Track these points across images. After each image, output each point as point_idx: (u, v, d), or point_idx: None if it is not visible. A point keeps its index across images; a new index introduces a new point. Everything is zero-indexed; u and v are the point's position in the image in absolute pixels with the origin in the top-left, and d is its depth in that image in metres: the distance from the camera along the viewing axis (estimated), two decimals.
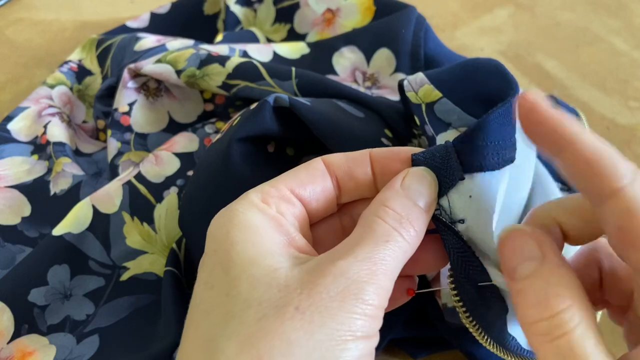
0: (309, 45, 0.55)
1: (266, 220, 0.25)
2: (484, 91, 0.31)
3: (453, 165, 0.27)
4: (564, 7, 0.69)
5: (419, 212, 0.26)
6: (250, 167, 0.38)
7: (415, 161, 0.27)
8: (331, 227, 0.29)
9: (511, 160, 0.29)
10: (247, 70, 0.45)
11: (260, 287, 0.22)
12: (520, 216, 0.33)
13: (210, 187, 0.37)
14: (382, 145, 0.37)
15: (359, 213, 0.27)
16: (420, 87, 0.34)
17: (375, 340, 0.23)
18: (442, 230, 0.27)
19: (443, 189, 0.27)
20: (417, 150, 0.28)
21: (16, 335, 0.39)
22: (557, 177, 0.40)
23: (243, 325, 0.22)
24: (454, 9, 0.70)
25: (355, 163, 0.28)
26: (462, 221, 0.27)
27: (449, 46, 0.64)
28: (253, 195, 0.26)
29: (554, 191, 0.36)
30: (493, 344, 0.29)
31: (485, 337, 0.29)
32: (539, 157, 0.38)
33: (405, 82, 0.36)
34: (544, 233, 0.24)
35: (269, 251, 0.24)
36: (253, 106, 0.39)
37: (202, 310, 0.24)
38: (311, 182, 0.27)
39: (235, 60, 0.46)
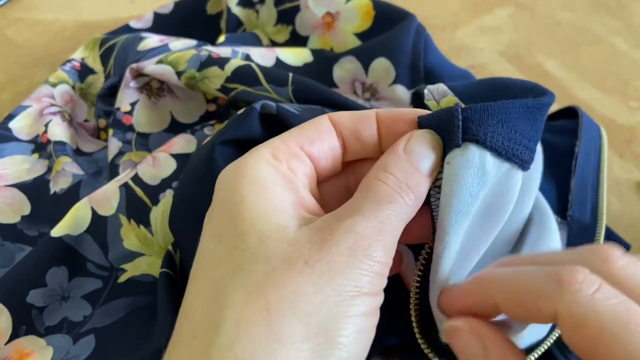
0: (313, 53, 0.55)
1: (277, 176, 0.25)
2: None
3: (455, 130, 0.26)
4: (564, 7, 0.69)
5: (420, 177, 0.26)
6: None
7: (420, 123, 0.27)
8: (336, 187, 0.29)
9: (521, 162, 0.27)
10: (245, 74, 0.45)
11: (270, 242, 0.23)
12: (515, 238, 0.32)
13: (197, 190, 0.37)
14: None
15: (364, 172, 0.27)
16: (442, 97, 0.34)
17: (380, 297, 0.24)
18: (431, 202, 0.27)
19: (446, 152, 0.27)
20: (424, 112, 0.28)
21: (14, 336, 0.39)
22: (555, 210, 0.39)
23: (252, 276, 0.22)
24: (454, 9, 0.70)
25: (362, 123, 0.28)
26: None
27: (449, 46, 0.64)
28: (264, 150, 0.26)
29: (552, 226, 0.35)
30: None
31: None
32: (540, 188, 0.37)
33: (426, 91, 0.35)
34: (484, 324, 0.24)
35: (278, 209, 0.24)
36: (241, 111, 0.39)
37: (208, 262, 0.24)
38: (319, 139, 0.27)
39: (235, 63, 0.46)
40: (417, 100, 0.36)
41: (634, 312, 0.19)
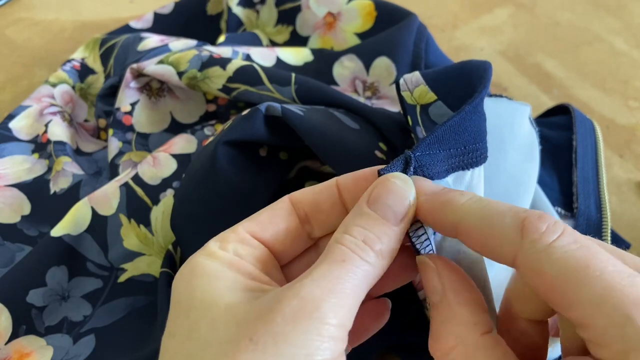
0: (313, 52, 0.55)
1: (224, 264, 0.24)
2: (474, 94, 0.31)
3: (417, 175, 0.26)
4: (564, 7, 0.69)
5: (385, 228, 0.24)
6: (238, 171, 0.38)
7: (381, 174, 0.26)
8: (309, 264, 0.27)
9: (462, 167, 0.28)
10: (247, 74, 0.45)
11: (220, 326, 0.22)
12: None
13: (200, 190, 0.37)
14: (376, 158, 0.36)
15: None
16: (415, 86, 0.34)
17: None
18: (413, 243, 0.26)
19: None
20: (381, 167, 0.27)
21: (14, 336, 0.39)
22: (559, 202, 0.40)
23: None
24: (454, 9, 0.70)
25: (322, 196, 0.27)
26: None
27: (449, 46, 0.64)
28: (212, 244, 0.25)
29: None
30: None
31: None
32: (539, 182, 0.38)
33: (402, 81, 0.35)
34: (448, 265, 0.25)
35: (227, 290, 0.23)
36: (245, 112, 0.39)
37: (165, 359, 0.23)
38: (273, 223, 0.26)
39: (236, 63, 0.46)
40: (400, 91, 0.36)
41: (594, 255, 0.20)
